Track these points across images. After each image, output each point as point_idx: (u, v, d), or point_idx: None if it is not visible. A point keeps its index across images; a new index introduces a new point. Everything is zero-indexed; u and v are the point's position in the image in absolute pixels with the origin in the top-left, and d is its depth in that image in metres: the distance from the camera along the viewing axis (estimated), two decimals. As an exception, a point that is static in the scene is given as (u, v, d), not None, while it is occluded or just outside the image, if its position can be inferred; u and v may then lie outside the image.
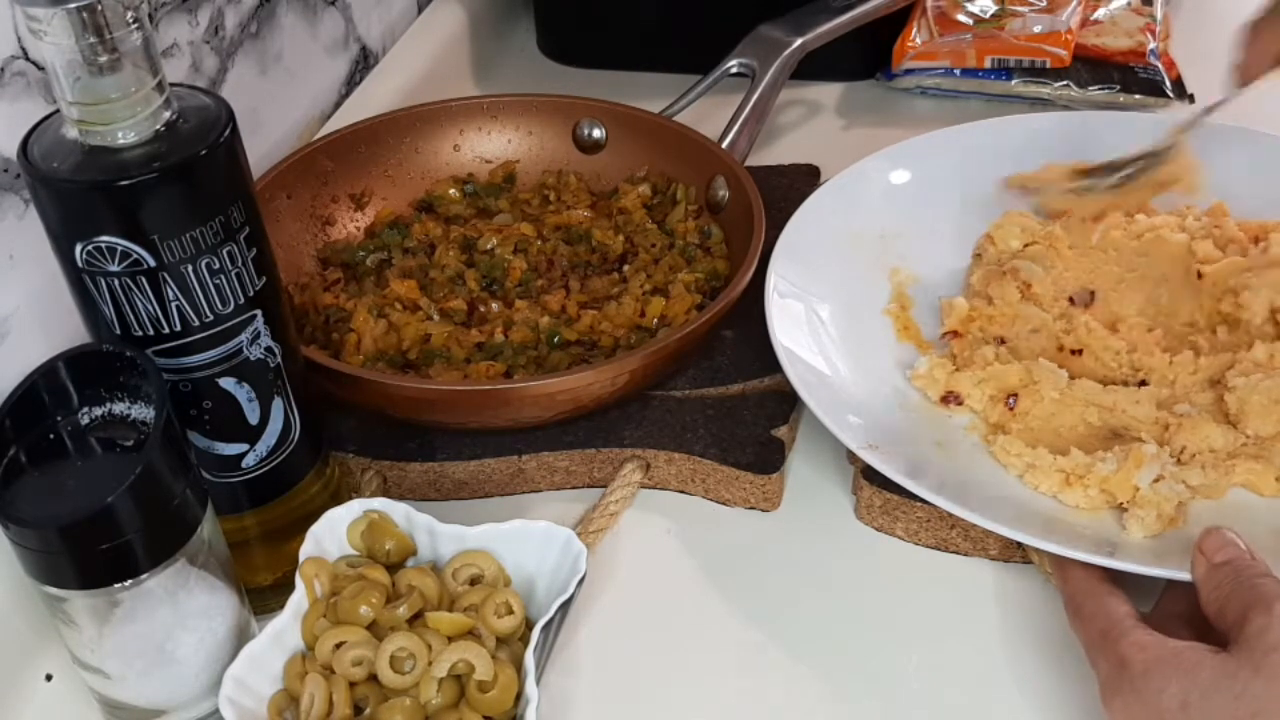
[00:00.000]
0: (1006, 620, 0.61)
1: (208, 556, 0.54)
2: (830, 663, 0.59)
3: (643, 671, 0.59)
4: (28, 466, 0.50)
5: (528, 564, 0.59)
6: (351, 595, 0.56)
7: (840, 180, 0.78)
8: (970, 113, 0.94)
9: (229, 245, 0.52)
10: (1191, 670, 0.49)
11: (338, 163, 0.81)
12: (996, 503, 0.61)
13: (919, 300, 0.75)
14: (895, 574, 0.63)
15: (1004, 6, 0.97)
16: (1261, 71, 0.69)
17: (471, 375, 0.69)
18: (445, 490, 0.68)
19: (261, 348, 0.55)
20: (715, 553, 0.65)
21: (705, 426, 0.68)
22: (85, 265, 0.50)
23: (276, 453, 0.58)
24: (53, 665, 0.60)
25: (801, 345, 0.68)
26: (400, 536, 0.59)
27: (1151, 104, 0.94)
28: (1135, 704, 0.50)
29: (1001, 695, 0.58)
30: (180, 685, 0.55)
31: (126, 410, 0.52)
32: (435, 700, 0.54)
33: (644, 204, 0.81)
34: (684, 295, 0.73)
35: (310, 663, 0.55)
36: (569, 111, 0.85)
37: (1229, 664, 0.49)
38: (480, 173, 0.85)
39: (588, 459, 0.68)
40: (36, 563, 0.50)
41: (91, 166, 0.49)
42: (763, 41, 0.86)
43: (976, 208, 0.79)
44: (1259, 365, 0.66)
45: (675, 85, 0.87)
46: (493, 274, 0.76)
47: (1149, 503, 0.60)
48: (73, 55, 0.47)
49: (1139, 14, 1.01)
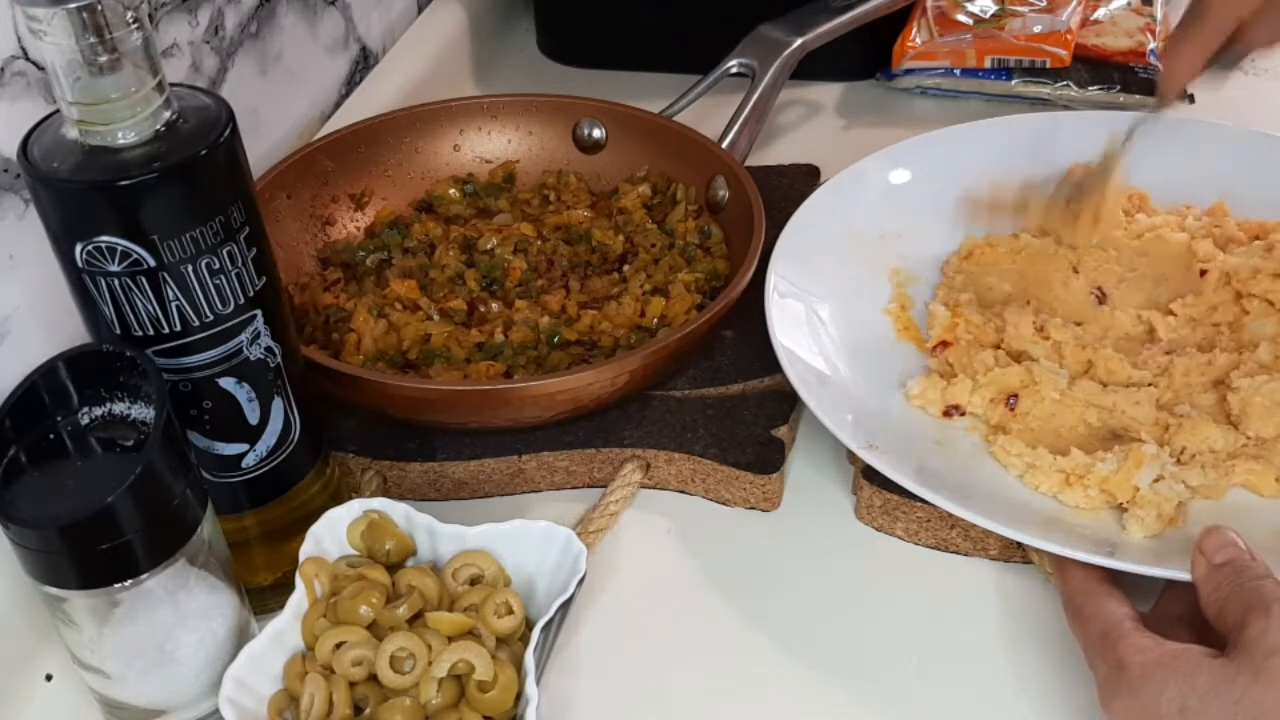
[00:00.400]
0: (1006, 620, 0.61)
1: (208, 556, 0.54)
2: (830, 662, 0.59)
3: (643, 671, 0.59)
4: (28, 466, 0.50)
5: (528, 564, 0.59)
6: (351, 595, 0.56)
7: (840, 180, 0.78)
8: (970, 113, 0.94)
9: (229, 245, 0.52)
10: (1190, 674, 0.49)
11: (338, 163, 0.81)
12: (996, 503, 0.61)
13: (919, 300, 0.75)
14: (895, 574, 0.63)
15: (1004, 6, 0.97)
16: (1183, 85, 0.69)
17: (471, 375, 0.69)
18: (445, 490, 0.68)
19: (261, 348, 0.55)
20: (715, 553, 0.65)
21: (705, 426, 0.68)
22: (85, 265, 0.50)
23: (276, 453, 0.58)
24: (53, 665, 0.60)
25: (801, 345, 0.68)
26: (400, 536, 0.59)
27: (1151, 104, 0.94)
28: (1134, 707, 0.50)
29: (1001, 695, 0.58)
30: (180, 685, 0.55)
31: (126, 410, 0.52)
32: (435, 700, 0.54)
33: (644, 204, 0.81)
34: (684, 295, 0.73)
35: (310, 663, 0.55)
36: (569, 111, 0.85)
37: (1228, 668, 0.49)
38: (480, 173, 0.85)
39: (588, 459, 0.68)
40: (36, 563, 0.50)
41: (91, 166, 0.49)
42: (763, 41, 0.86)
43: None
44: (1264, 367, 0.66)
45: (675, 85, 0.87)
46: (493, 274, 0.76)
47: (1149, 503, 0.60)
48: (73, 55, 0.47)
49: (1139, 14, 1.01)
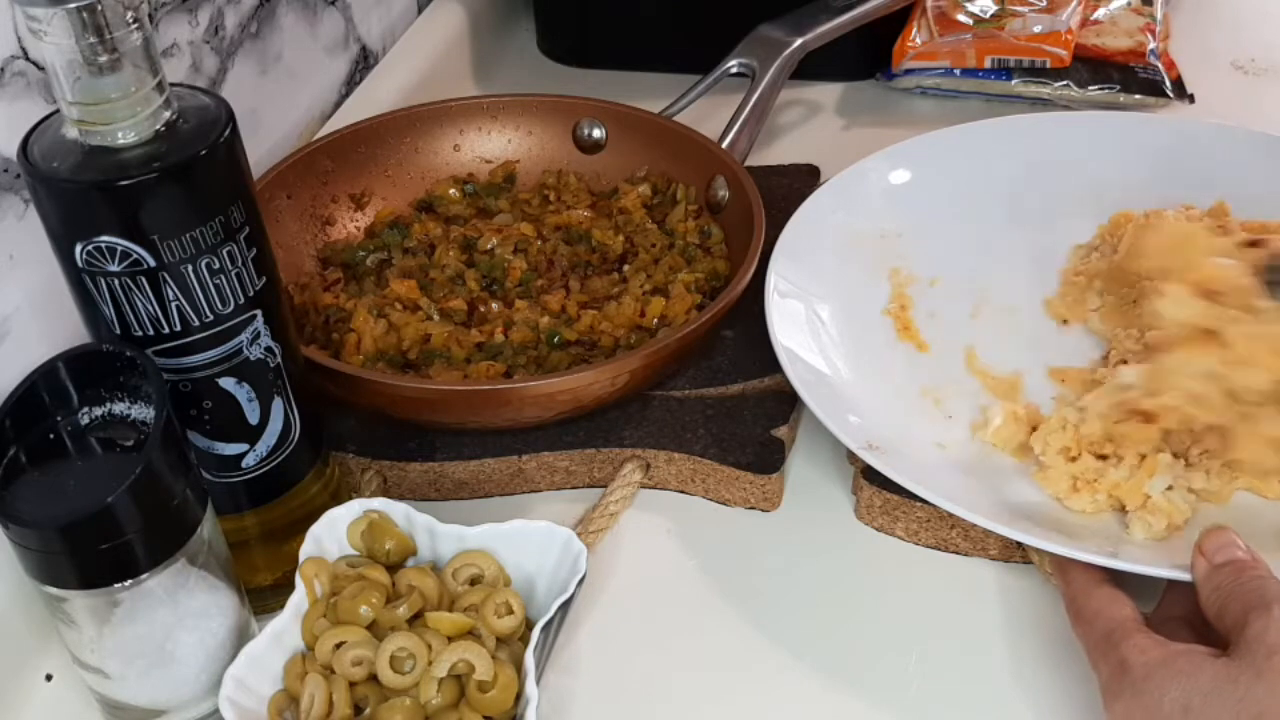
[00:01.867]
0: (1007, 620, 0.61)
1: (208, 556, 0.54)
2: (830, 663, 0.59)
3: (643, 671, 0.59)
4: (28, 466, 0.50)
5: (528, 564, 0.59)
6: (351, 595, 0.56)
7: (840, 180, 0.78)
8: (970, 113, 0.94)
9: (229, 245, 0.52)
10: (1192, 674, 0.49)
11: (338, 163, 0.81)
12: (997, 503, 0.61)
13: (919, 300, 0.74)
14: (895, 574, 0.63)
15: (1004, 6, 0.97)
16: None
17: (471, 375, 0.69)
18: (445, 490, 0.68)
19: (261, 348, 0.55)
20: (715, 553, 0.65)
21: (705, 426, 0.68)
22: (85, 265, 0.50)
23: (276, 453, 0.58)
24: (53, 665, 0.60)
25: (802, 345, 0.68)
26: (400, 536, 0.59)
27: (1151, 104, 0.94)
28: (1136, 708, 0.50)
29: (1002, 695, 0.58)
30: (180, 685, 0.55)
31: (126, 410, 0.52)
32: (435, 700, 0.54)
33: (644, 204, 0.81)
34: (684, 295, 0.73)
35: (310, 663, 0.55)
36: (569, 111, 0.85)
37: (1230, 668, 0.49)
38: (480, 173, 0.85)
39: (588, 459, 0.68)
40: (36, 563, 0.50)
41: (91, 166, 0.49)
42: (763, 41, 0.86)
43: (976, 207, 0.79)
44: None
45: (675, 85, 0.87)
46: (493, 274, 0.76)
47: (1160, 510, 0.60)
48: (73, 55, 0.47)
49: (1139, 14, 1.01)
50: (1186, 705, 0.48)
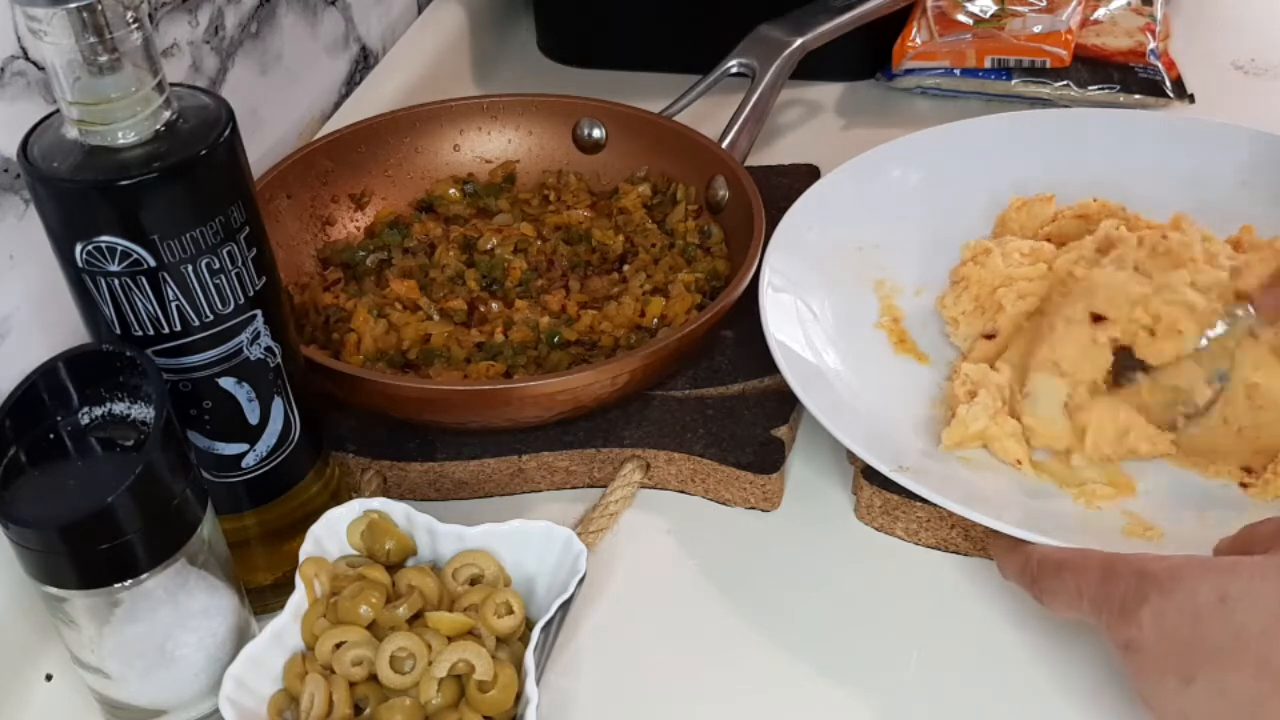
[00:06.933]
0: (1007, 620, 0.61)
1: (208, 556, 0.54)
2: (830, 662, 0.59)
3: (643, 671, 0.59)
4: (28, 466, 0.50)
5: (528, 564, 0.59)
6: (351, 595, 0.56)
7: (835, 177, 0.78)
8: (970, 113, 0.93)
9: (229, 245, 0.52)
10: (1227, 569, 0.46)
11: (338, 163, 0.81)
12: (997, 502, 0.61)
13: (915, 302, 0.74)
14: (895, 574, 0.63)
15: (1004, 6, 0.97)
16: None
17: (471, 375, 0.69)
18: (445, 490, 0.68)
19: (261, 348, 0.55)
20: (715, 553, 0.65)
21: (705, 426, 0.68)
22: (85, 265, 0.50)
23: (276, 453, 0.58)
24: (53, 665, 0.60)
25: (797, 341, 0.68)
26: (400, 536, 0.59)
27: (1151, 104, 0.94)
28: (1168, 607, 0.47)
29: (1002, 696, 0.58)
30: (180, 685, 0.55)
31: (126, 410, 0.52)
32: (435, 700, 0.54)
33: (644, 204, 0.81)
34: (684, 295, 0.73)
35: (310, 663, 0.55)
36: (569, 111, 0.85)
37: (1271, 560, 0.46)
38: (480, 173, 0.85)
39: (588, 459, 0.68)
40: (36, 563, 0.50)
41: (91, 166, 0.49)
42: (763, 41, 0.86)
43: (974, 202, 0.79)
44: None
45: (675, 85, 0.87)
46: (493, 274, 0.76)
47: (1042, 433, 0.63)
48: (73, 55, 0.47)
49: (1139, 14, 1.01)
50: (1224, 595, 0.46)
